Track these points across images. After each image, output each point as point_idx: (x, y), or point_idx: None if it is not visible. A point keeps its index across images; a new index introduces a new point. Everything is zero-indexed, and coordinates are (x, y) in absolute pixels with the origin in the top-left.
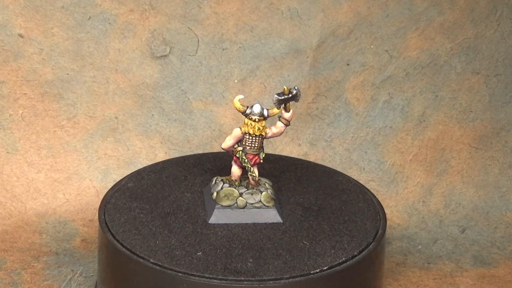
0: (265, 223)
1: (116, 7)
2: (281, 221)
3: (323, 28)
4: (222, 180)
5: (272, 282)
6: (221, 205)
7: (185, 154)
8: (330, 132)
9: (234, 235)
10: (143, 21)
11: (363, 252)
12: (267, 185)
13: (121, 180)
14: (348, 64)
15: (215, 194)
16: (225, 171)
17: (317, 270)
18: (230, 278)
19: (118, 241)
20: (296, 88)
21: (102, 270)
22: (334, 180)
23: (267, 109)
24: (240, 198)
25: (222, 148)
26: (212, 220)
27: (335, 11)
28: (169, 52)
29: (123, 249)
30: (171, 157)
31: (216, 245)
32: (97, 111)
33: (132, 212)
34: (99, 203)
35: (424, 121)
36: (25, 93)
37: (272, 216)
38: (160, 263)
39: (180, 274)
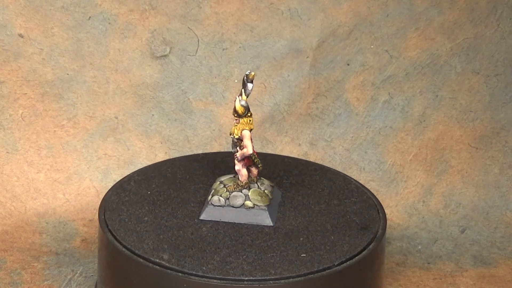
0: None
1: (116, 7)
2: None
3: (323, 28)
4: (231, 190)
5: (272, 282)
6: (267, 205)
7: (185, 154)
8: (330, 132)
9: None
10: (143, 21)
11: (363, 252)
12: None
13: (121, 180)
14: (348, 64)
15: (248, 202)
16: (222, 173)
17: (317, 270)
18: (230, 278)
19: (118, 241)
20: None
21: (102, 270)
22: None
23: (244, 100)
24: (266, 191)
25: (250, 155)
26: (274, 221)
27: (335, 11)
28: (169, 52)
29: (123, 249)
30: (171, 157)
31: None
32: (97, 111)
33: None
34: (99, 203)
35: (424, 121)
36: (25, 93)
37: (280, 195)
38: (160, 263)
39: (180, 274)
